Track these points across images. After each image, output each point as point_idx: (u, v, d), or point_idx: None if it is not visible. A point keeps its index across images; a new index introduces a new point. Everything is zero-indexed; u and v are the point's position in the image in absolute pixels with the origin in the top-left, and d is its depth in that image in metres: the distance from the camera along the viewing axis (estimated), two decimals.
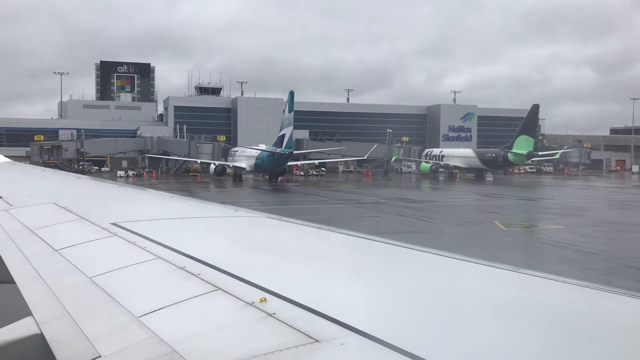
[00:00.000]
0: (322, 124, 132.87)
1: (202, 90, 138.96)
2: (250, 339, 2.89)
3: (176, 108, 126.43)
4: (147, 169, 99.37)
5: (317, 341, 2.72)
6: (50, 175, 16.82)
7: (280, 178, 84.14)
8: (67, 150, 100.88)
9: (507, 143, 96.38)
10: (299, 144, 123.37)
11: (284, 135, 76.97)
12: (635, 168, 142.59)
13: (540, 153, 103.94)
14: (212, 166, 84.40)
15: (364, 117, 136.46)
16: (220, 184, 78.17)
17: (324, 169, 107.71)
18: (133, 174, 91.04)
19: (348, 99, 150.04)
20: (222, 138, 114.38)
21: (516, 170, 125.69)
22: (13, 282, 4.70)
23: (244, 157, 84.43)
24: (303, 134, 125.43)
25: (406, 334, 2.83)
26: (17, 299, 4.33)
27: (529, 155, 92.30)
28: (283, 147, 75.88)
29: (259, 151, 79.85)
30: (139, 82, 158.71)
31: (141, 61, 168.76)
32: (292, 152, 76.41)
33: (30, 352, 3.49)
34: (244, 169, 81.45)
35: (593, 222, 40.21)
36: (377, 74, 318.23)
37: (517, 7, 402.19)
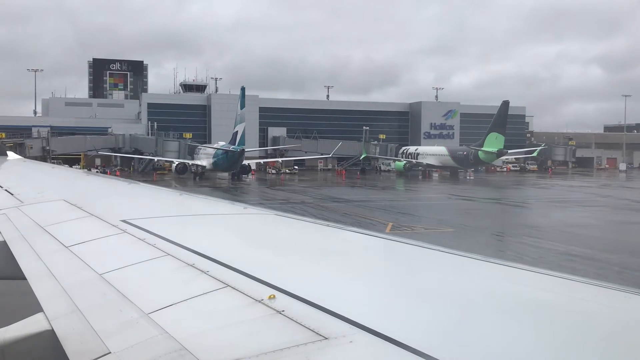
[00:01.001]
0: (301, 121, 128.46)
1: (187, 88, 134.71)
2: (259, 336, 2.89)
3: (150, 105, 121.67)
4: (118, 167, 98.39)
5: (326, 338, 2.73)
6: (61, 173, 16.93)
7: (248, 175, 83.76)
8: (31, 148, 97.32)
9: (479, 141, 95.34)
10: (275, 141, 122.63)
11: (237, 132, 76.67)
12: (622, 166, 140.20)
13: (510, 151, 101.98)
14: (174, 164, 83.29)
15: (344, 115, 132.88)
16: (176, 182, 75.65)
17: (296, 167, 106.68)
18: (96, 171, 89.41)
19: (328, 96, 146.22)
20: (188, 135, 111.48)
21: (498, 169, 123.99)
22: (24, 278, 4.74)
23: (205, 155, 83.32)
24: (280, 131, 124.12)
25: (415, 331, 2.82)
26: (28, 295, 4.37)
27: (499, 153, 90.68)
28: (236, 144, 75.37)
29: (216, 149, 79.07)
30: (131, 79, 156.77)
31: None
32: (244, 149, 75.22)
33: (41, 348, 3.52)
34: (204, 167, 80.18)
35: (497, 225, 38.71)
36: (382, 72, 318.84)
37: (522, 5, 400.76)
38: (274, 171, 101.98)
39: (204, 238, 5.67)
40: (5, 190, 9.86)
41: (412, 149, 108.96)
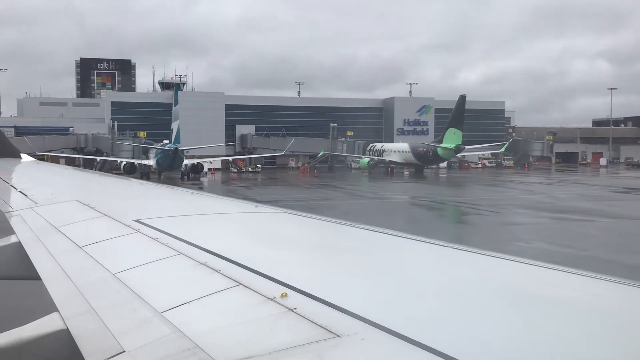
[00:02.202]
0: (271, 118, 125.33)
1: (165, 86, 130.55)
2: (271, 334, 2.90)
3: (113, 104, 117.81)
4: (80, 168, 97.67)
5: (338, 336, 2.73)
6: (73, 174, 17.06)
7: (205, 174, 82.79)
8: None
9: (438, 137, 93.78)
10: (243, 139, 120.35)
11: (172, 130, 75.41)
12: (603, 161, 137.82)
13: (473, 147, 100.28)
14: (122, 164, 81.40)
15: (316, 112, 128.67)
16: None
17: (259, 165, 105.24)
18: None
19: (299, 93, 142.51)
20: (143, 134, 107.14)
21: (473, 165, 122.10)
22: (39, 278, 4.79)
23: (153, 155, 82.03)
24: (249, 129, 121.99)
25: (427, 328, 2.82)
26: (43, 295, 4.41)
27: (457, 149, 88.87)
28: (172, 142, 74.43)
29: (156, 149, 78.04)
30: (119, 78, 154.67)
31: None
32: (177, 148, 73.57)
33: (56, 347, 3.56)
34: (150, 167, 78.88)
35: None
36: (388, 69, 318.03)
37: (526, 1, 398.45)
38: (235, 170, 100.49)
39: (215, 237, 5.69)
40: (20, 191, 9.95)
41: (378, 145, 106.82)
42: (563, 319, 3.01)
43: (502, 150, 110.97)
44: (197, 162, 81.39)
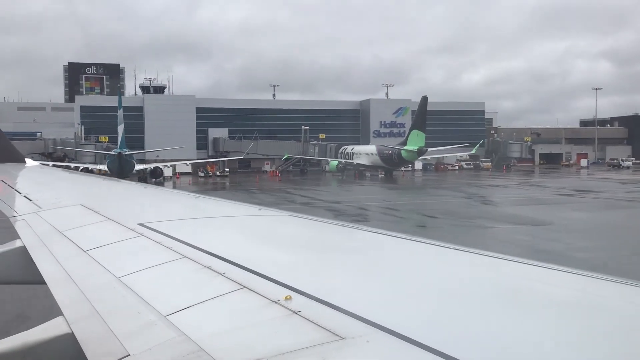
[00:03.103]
0: (246, 121, 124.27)
1: (145, 89, 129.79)
2: (276, 337, 2.90)
3: (83, 108, 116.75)
4: None
5: (343, 338, 2.73)
6: (77, 178, 17.11)
7: (168, 179, 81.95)
8: None
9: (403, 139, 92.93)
10: (216, 143, 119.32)
11: (118, 134, 74.98)
12: (584, 162, 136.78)
13: (435, 149, 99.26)
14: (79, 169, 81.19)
15: (292, 114, 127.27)
16: None
17: (227, 169, 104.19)
18: None
19: (274, 95, 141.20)
20: (104, 139, 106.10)
21: (449, 167, 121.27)
22: (44, 282, 4.80)
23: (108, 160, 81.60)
24: (222, 132, 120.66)
25: (432, 330, 2.82)
26: (48, 299, 4.42)
27: (419, 152, 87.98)
28: (118, 147, 74.13)
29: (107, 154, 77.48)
30: (108, 82, 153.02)
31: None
32: (121, 153, 73.12)
33: (61, 351, 3.56)
34: (106, 171, 77.52)
35: None
36: (391, 71, 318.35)
37: (525, 3, 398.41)
38: (202, 174, 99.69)
39: (219, 240, 5.69)
40: (24, 196, 9.98)
41: (349, 148, 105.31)
42: (567, 320, 3.01)
43: (473, 152, 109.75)
44: (155, 167, 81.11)
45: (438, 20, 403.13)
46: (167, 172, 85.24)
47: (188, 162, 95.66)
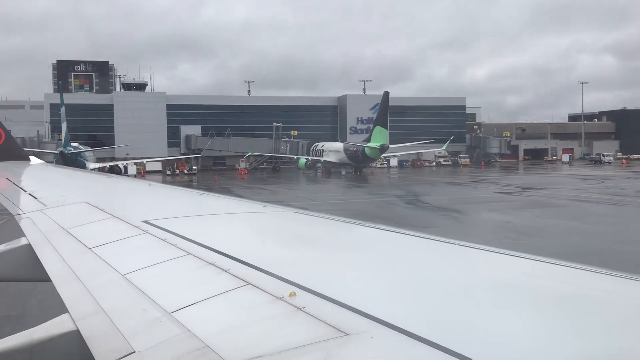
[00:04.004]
0: (219, 118, 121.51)
1: (127, 87, 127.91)
2: (280, 333, 2.91)
3: (52, 106, 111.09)
4: None
5: (347, 335, 2.73)
6: (82, 176, 17.16)
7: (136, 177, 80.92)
8: None
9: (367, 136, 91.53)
10: (188, 140, 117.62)
11: (62, 132, 74.44)
12: (565, 158, 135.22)
13: (397, 145, 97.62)
14: None
15: (267, 111, 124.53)
16: None
17: (195, 167, 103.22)
18: None
19: (249, 92, 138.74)
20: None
21: (427, 164, 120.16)
22: (49, 280, 4.82)
23: None
24: (194, 129, 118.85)
25: (437, 327, 2.82)
26: (53, 296, 4.44)
27: (382, 148, 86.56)
28: (62, 146, 73.59)
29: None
30: (97, 80, 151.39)
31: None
32: (63, 151, 72.35)
33: (67, 348, 3.58)
34: None
35: None
36: (395, 67, 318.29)
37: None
38: (169, 172, 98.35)
39: (224, 237, 5.70)
40: (29, 194, 10.01)
41: (319, 145, 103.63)
42: (573, 315, 3.00)
43: (444, 148, 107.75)
44: (112, 165, 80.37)
45: (440, 16, 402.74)
46: (132, 170, 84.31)
47: (144, 161, 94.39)
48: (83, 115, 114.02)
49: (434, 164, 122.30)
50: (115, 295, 4.04)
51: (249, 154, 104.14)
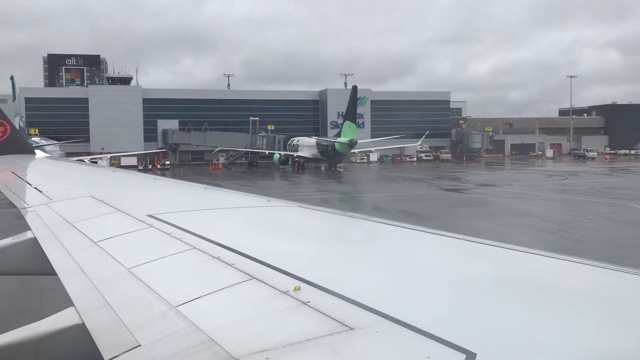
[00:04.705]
0: (198, 112, 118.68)
1: (111, 80, 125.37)
2: (285, 327, 2.92)
3: (27, 100, 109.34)
4: None
5: (352, 329, 2.74)
6: (87, 170, 17.19)
7: None
8: None
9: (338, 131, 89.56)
10: (165, 134, 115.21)
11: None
12: (549, 153, 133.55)
13: (362, 141, 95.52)
14: None
15: (248, 105, 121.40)
16: None
17: (168, 162, 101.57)
18: None
19: (229, 85, 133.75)
20: (34, 131, 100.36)
21: (407, 159, 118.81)
22: (55, 274, 4.84)
23: None
24: (172, 124, 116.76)
25: (442, 321, 2.82)
26: (59, 290, 4.46)
27: (350, 144, 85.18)
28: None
29: None
30: (88, 74, 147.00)
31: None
32: None
33: (73, 342, 3.60)
34: None
35: None
36: (398, 62, 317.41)
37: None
38: (141, 167, 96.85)
39: (229, 231, 5.71)
40: (35, 188, 10.05)
41: (295, 140, 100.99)
42: (573, 309, 3.00)
43: (419, 143, 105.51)
44: (79, 160, 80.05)
45: (442, 11, 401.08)
46: (103, 164, 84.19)
47: (107, 156, 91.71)
48: (58, 110, 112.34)
49: (415, 159, 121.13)
50: (121, 289, 4.05)
51: (218, 149, 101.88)
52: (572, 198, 49.08)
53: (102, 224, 6.34)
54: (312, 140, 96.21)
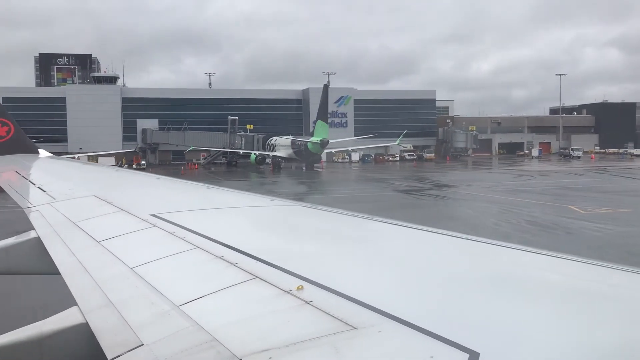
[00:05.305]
0: (180, 112, 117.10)
1: (96, 80, 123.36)
2: (288, 326, 2.91)
3: (5, 100, 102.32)
4: None
5: (355, 328, 2.73)
6: (91, 169, 17.23)
7: None
8: None
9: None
10: (144, 134, 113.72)
11: None
12: (534, 152, 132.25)
13: (334, 140, 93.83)
14: None
15: (229, 104, 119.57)
16: None
17: (144, 162, 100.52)
18: None
19: (210, 84, 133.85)
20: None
21: (391, 158, 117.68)
22: (58, 273, 4.85)
23: None
24: (151, 123, 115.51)
25: (445, 321, 2.81)
26: (62, 289, 4.47)
27: (322, 143, 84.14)
28: None
29: None
30: (79, 73, 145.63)
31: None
32: None
33: (76, 341, 3.60)
34: None
35: None
36: (399, 61, 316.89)
37: None
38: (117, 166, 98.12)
39: (232, 230, 5.71)
40: (38, 187, 10.07)
41: (273, 140, 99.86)
42: (583, 309, 2.99)
43: (397, 142, 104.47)
44: None
45: (444, 10, 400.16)
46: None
47: (76, 156, 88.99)
48: (36, 109, 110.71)
49: (398, 158, 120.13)
50: (124, 288, 4.06)
51: (190, 149, 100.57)
52: (515, 199, 48.32)
53: (105, 224, 6.35)
54: (288, 140, 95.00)
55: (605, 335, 2.63)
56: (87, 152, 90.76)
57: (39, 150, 19.88)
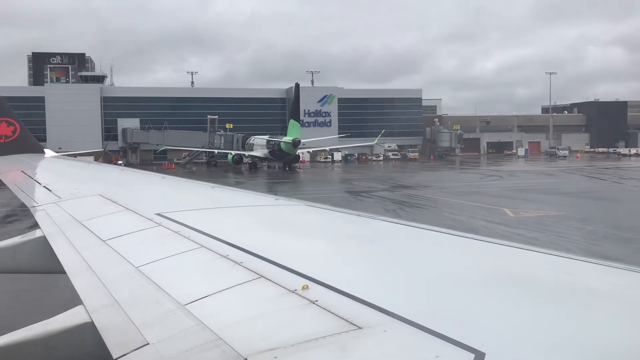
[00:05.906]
0: (161, 111, 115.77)
1: (84, 79, 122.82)
2: (293, 326, 2.91)
3: None
4: None
5: (360, 328, 2.73)
6: (96, 168, 17.27)
7: None
8: None
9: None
10: (124, 133, 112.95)
11: None
12: (521, 151, 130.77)
13: (307, 140, 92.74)
14: None
15: (212, 103, 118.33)
16: None
17: (121, 162, 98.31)
18: None
19: (192, 83, 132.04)
20: None
21: (374, 157, 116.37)
22: (64, 272, 4.86)
23: None
24: (133, 122, 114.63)
25: (450, 321, 2.80)
26: (68, 288, 4.48)
27: (294, 143, 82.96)
28: None
29: None
30: (73, 72, 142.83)
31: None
32: None
33: (81, 340, 3.61)
34: None
35: None
36: (401, 60, 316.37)
37: None
38: None
39: (237, 230, 5.71)
40: (44, 187, 10.10)
41: (252, 139, 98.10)
42: (589, 309, 2.98)
43: (375, 142, 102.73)
44: None
45: (447, 8, 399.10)
46: None
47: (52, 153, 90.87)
48: (14, 108, 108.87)
49: (382, 158, 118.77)
50: (129, 287, 4.06)
51: (162, 148, 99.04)
52: (457, 202, 46.45)
53: (110, 223, 6.36)
54: (264, 140, 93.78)
55: (612, 335, 2.61)
56: (65, 152, 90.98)
57: (45, 150, 19.95)
